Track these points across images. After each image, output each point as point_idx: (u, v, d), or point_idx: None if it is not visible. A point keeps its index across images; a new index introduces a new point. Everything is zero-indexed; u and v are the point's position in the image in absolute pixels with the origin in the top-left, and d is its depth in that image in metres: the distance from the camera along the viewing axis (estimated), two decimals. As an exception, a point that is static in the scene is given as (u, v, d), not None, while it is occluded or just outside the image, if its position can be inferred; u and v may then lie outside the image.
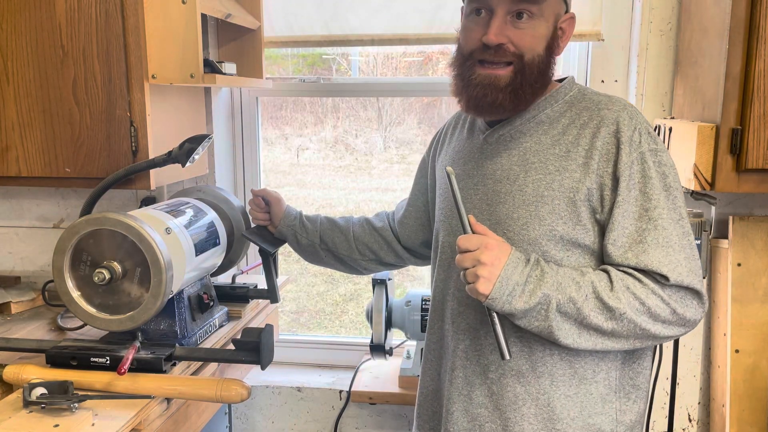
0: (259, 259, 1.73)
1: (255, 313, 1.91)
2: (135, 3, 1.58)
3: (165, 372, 1.40)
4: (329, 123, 2.69)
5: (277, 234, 1.66)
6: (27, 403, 1.26)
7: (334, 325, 2.99)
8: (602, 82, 2.00)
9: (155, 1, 1.58)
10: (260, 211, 1.66)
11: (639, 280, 1.14)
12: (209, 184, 2.06)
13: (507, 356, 1.15)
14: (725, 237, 1.90)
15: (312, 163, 2.81)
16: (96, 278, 1.35)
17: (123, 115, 1.64)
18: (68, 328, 1.73)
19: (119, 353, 1.40)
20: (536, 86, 1.23)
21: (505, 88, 1.21)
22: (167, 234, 1.45)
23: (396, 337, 2.13)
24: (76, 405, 1.26)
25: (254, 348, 1.41)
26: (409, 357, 2.10)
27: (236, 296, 1.83)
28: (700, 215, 1.77)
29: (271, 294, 1.74)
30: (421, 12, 2.01)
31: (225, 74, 1.73)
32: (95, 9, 1.60)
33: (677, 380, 1.97)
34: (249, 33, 2.03)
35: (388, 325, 1.97)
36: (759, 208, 1.94)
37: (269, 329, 1.42)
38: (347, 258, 1.64)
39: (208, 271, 1.68)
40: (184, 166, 1.55)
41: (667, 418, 1.98)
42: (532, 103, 1.26)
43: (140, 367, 1.39)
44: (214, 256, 1.66)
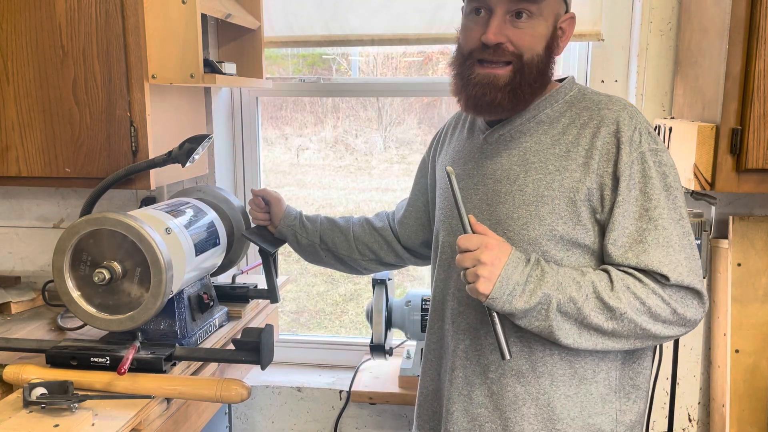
0: (259, 259, 1.73)
1: (255, 313, 1.91)
2: (135, 3, 1.58)
3: (165, 372, 1.40)
4: (329, 123, 2.69)
5: (277, 234, 1.66)
6: (27, 403, 1.26)
7: (334, 325, 2.99)
8: (602, 82, 2.00)
9: (155, 1, 1.58)
10: (260, 211, 1.66)
11: (639, 280, 1.14)
12: (209, 184, 2.06)
13: (507, 356, 1.15)
14: (725, 237, 1.90)
15: (312, 163, 2.81)
16: (96, 278, 1.35)
17: (123, 115, 1.64)
18: (68, 328, 1.73)
19: (119, 353, 1.40)
20: (535, 86, 1.23)
21: (503, 88, 1.21)
22: (167, 234, 1.45)
23: (396, 337, 2.13)
24: (76, 405, 1.26)
25: (254, 348, 1.41)
26: (409, 357, 2.10)
27: (236, 296, 1.83)
28: (700, 215, 1.77)
29: (271, 294, 1.74)
30: (421, 12, 2.01)
31: (225, 74, 1.73)
32: (95, 9, 1.60)
33: (677, 380, 1.97)
34: (249, 33, 2.03)
35: (388, 325, 1.97)
36: (759, 208, 1.94)
37: (269, 329, 1.42)
38: (347, 258, 1.64)
39: (208, 271, 1.68)
40: (184, 166, 1.55)
41: (667, 418, 1.98)
42: (531, 102, 1.26)
43: (140, 367, 1.39)
44: (214, 256, 1.66)
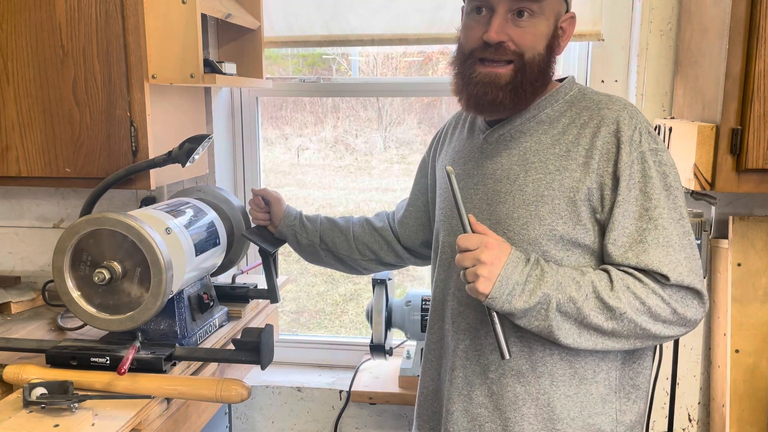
0: (259, 259, 1.73)
1: (255, 313, 1.91)
2: (135, 3, 1.58)
3: (165, 372, 1.40)
4: (329, 123, 2.69)
5: (277, 234, 1.66)
6: (27, 403, 1.26)
7: (334, 325, 2.99)
8: (602, 82, 2.00)
9: (155, 1, 1.58)
10: (260, 211, 1.66)
11: (639, 280, 1.14)
12: (209, 184, 2.06)
13: (507, 356, 1.15)
14: (725, 237, 1.89)
15: (312, 163, 2.81)
16: (96, 278, 1.35)
17: (123, 115, 1.64)
18: (68, 328, 1.73)
19: (119, 353, 1.40)
20: (537, 85, 1.23)
21: (505, 87, 1.21)
22: (167, 234, 1.45)
23: (396, 337, 2.13)
24: (76, 405, 1.26)
25: (254, 348, 1.41)
26: (409, 357, 2.10)
27: (236, 296, 1.83)
28: (700, 215, 1.77)
29: (271, 294, 1.74)
30: (421, 12, 2.01)
31: (225, 74, 1.73)
32: (95, 9, 1.60)
33: (677, 380, 1.97)
34: (249, 33, 2.03)
35: (388, 325, 1.97)
36: (759, 208, 1.94)
37: (269, 329, 1.42)
38: (347, 258, 1.64)
39: (208, 271, 1.68)
40: (184, 166, 1.55)
41: (667, 418, 1.98)
42: (533, 101, 1.26)
43: (140, 367, 1.39)
44: (214, 256, 1.66)
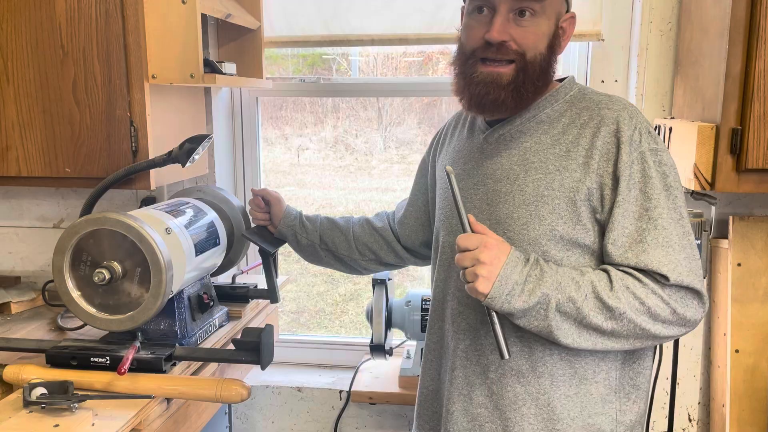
0: (259, 259, 1.73)
1: (255, 313, 1.90)
2: (135, 3, 1.58)
3: (165, 372, 1.40)
4: (329, 123, 2.69)
5: (277, 234, 1.66)
6: (27, 403, 1.26)
7: (334, 325, 2.99)
8: (602, 82, 2.00)
9: (155, 1, 1.58)
10: (260, 211, 1.66)
11: (639, 280, 1.14)
12: (209, 184, 2.06)
13: (506, 356, 1.15)
14: (725, 237, 1.89)
15: (312, 163, 2.81)
16: (96, 278, 1.35)
17: (123, 115, 1.64)
18: (68, 328, 1.73)
19: (119, 353, 1.40)
20: (538, 84, 1.23)
21: (507, 86, 1.21)
22: (167, 234, 1.45)
23: (396, 337, 2.13)
24: (76, 405, 1.25)
25: (254, 348, 1.41)
26: (409, 357, 2.10)
27: (236, 296, 1.83)
28: (700, 215, 1.77)
29: (271, 294, 1.74)
30: (421, 12, 2.01)
31: (225, 74, 1.73)
32: (95, 9, 1.60)
33: (677, 380, 1.97)
34: (249, 33, 2.03)
35: (388, 325, 1.97)
36: (759, 208, 1.94)
37: (269, 329, 1.42)
38: (347, 258, 1.64)
39: (208, 271, 1.68)
40: (184, 166, 1.55)
41: (667, 418, 1.98)
42: (534, 101, 1.26)
43: (140, 367, 1.39)
44: (214, 256, 1.66)
